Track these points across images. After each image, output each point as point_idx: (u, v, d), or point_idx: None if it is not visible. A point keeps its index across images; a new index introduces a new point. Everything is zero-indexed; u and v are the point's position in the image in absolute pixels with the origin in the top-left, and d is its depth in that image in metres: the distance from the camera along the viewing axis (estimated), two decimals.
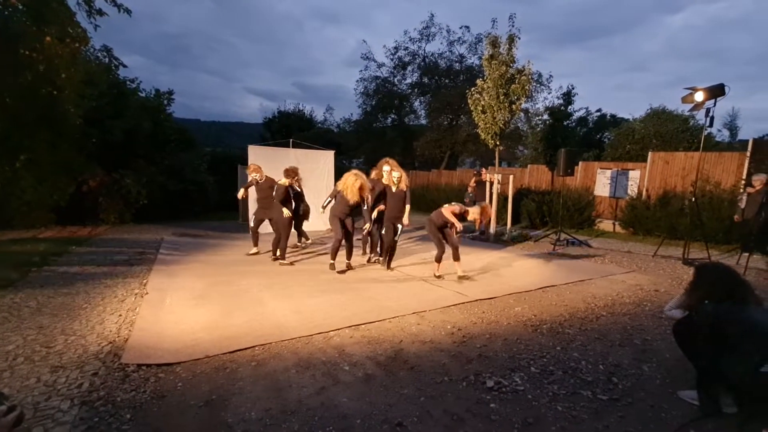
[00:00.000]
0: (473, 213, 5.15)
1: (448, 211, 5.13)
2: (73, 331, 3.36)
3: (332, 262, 5.50)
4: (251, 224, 6.85)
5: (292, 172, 6.22)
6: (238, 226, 10.05)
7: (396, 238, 5.69)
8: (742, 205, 6.98)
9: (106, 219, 9.55)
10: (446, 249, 5.27)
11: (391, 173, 5.66)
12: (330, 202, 5.60)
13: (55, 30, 6.03)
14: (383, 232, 6.06)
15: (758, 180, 6.79)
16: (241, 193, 6.79)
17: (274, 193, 6.32)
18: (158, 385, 2.56)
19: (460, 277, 5.16)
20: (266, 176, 6.71)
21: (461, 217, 5.17)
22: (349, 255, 5.73)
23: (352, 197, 5.36)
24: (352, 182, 5.33)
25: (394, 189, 5.64)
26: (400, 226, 5.73)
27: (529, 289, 4.92)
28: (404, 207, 5.69)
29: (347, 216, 5.54)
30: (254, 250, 6.64)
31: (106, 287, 4.60)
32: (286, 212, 6.02)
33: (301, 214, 6.93)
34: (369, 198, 5.64)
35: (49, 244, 6.85)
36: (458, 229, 5.22)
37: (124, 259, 6.03)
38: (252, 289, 4.74)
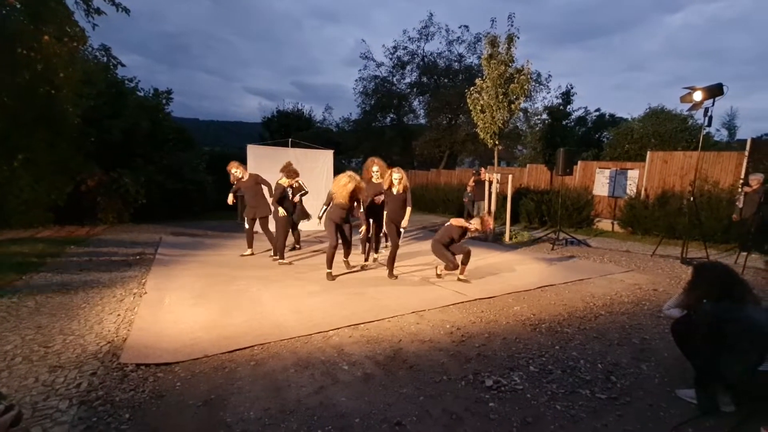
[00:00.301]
0: (475, 225, 5.18)
1: (458, 221, 5.20)
2: (71, 330, 3.35)
3: (329, 271, 5.21)
4: (246, 225, 6.63)
5: (293, 173, 6.17)
6: (236, 226, 10.02)
7: (398, 242, 5.50)
8: (740, 204, 7.02)
9: (104, 218, 9.52)
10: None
11: (392, 174, 5.37)
12: (325, 210, 5.32)
13: (53, 29, 6.02)
14: (382, 233, 5.98)
15: (755, 179, 6.83)
16: (230, 199, 6.51)
17: (270, 191, 6.25)
18: (157, 385, 2.56)
19: (460, 279, 5.17)
20: (249, 173, 6.51)
21: (465, 231, 5.22)
22: (346, 254, 5.64)
23: (338, 198, 5.10)
24: (344, 183, 5.07)
25: (394, 191, 5.36)
26: (402, 230, 5.57)
27: (527, 289, 4.93)
28: (405, 209, 5.40)
29: (343, 220, 5.32)
30: (248, 251, 6.54)
31: (105, 287, 4.60)
32: (281, 211, 5.99)
33: (296, 214, 6.83)
34: (364, 200, 5.47)
35: (47, 243, 6.83)
36: (472, 232, 5.23)
37: (123, 259, 6.02)
38: (251, 288, 4.73)
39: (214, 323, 3.60)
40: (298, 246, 7.31)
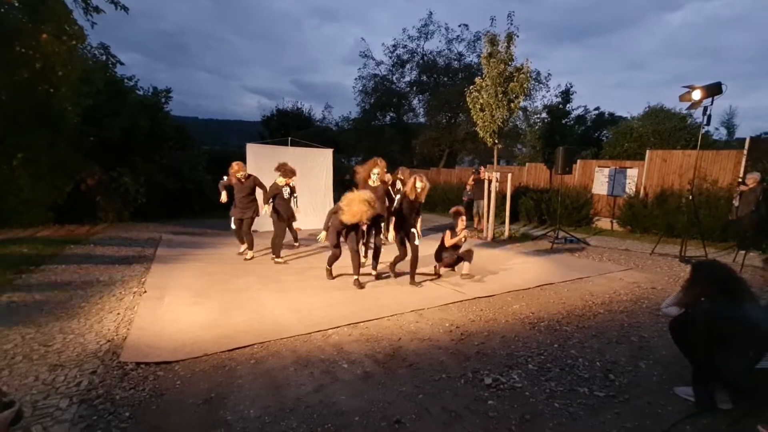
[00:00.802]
0: (461, 226, 5.27)
1: (448, 240, 5.24)
2: (71, 329, 3.36)
3: (328, 268, 5.13)
4: (232, 225, 6.37)
5: (290, 172, 6.14)
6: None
7: (417, 243, 5.12)
8: (736, 203, 7.05)
9: (104, 217, 9.52)
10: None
11: (416, 182, 4.96)
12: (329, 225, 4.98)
13: (51, 27, 6.01)
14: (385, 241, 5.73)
15: (752, 178, 6.86)
16: (224, 197, 6.27)
17: (265, 191, 6.15)
18: (157, 384, 2.56)
19: (465, 275, 5.19)
20: (249, 174, 6.33)
21: (455, 232, 5.27)
22: (356, 269, 4.95)
23: (347, 219, 4.66)
24: (363, 210, 4.56)
25: (411, 197, 4.99)
26: (414, 233, 5.17)
27: (527, 287, 4.94)
28: (416, 217, 5.16)
29: (345, 229, 4.94)
30: (243, 247, 6.48)
31: (105, 286, 4.60)
32: (268, 209, 5.94)
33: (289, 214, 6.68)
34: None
35: (47, 242, 6.82)
36: (466, 236, 5.29)
37: (123, 258, 6.02)
38: (251, 287, 4.74)
39: (214, 322, 3.61)
40: (296, 244, 7.30)
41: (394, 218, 5.13)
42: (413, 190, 4.99)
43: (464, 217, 5.36)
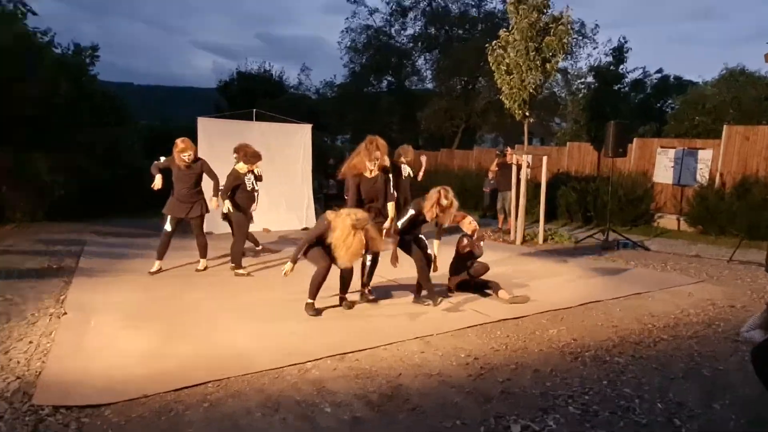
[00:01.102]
0: (469, 237, 5.34)
1: (464, 245, 5.28)
2: None
3: (310, 301, 4.65)
4: (167, 228, 6.03)
5: (255, 157, 6.10)
6: (184, 226, 10.00)
7: (429, 251, 5.19)
8: None
9: (11, 216, 9.49)
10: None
11: (440, 200, 4.71)
12: (307, 248, 4.68)
13: None
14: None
15: None
16: (158, 182, 5.86)
17: (216, 187, 6.04)
18: None
19: (514, 301, 5.04)
20: (197, 158, 6.11)
21: (467, 235, 5.37)
22: (343, 288, 4.95)
23: (347, 264, 4.60)
24: (362, 244, 4.38)
25: (430, 218, 4.87)
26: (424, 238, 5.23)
27: (567, 306, 4.97)
28: (440, 231, 5.21)
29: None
30: (157, 266, 6.07)
31: (12, 305, 4.58)
32: (227, 205, 5.90)
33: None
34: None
35: None
36: (482, 237, 5.46)
37: (35, 270, 6.01)
38: (203, 307, 4.76)
39: (156, 352, 3.61)
40: (258, 248, 7.29)
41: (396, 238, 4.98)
42: (433, 210, 4.75)
43: (470, 219, 5.44)
